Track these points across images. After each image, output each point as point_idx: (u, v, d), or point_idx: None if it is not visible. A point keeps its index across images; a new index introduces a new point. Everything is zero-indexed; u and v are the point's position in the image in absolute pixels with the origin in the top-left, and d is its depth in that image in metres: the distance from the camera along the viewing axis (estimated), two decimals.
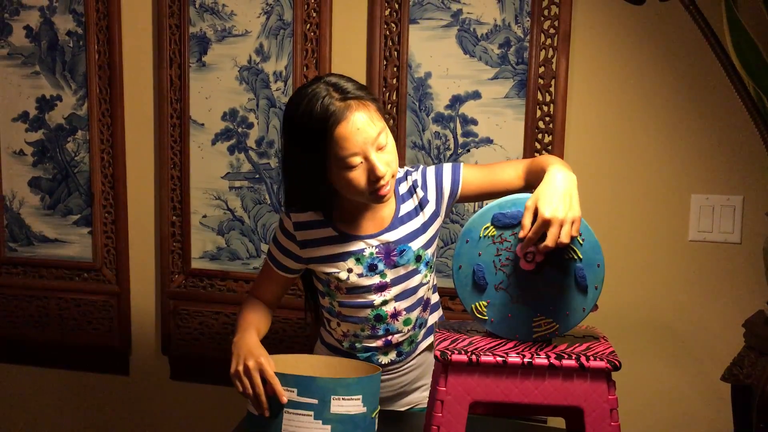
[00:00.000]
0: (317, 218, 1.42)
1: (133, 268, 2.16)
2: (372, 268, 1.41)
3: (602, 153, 1.83)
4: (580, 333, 1.27)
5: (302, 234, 1.42)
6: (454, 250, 1.21)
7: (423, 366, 1.55)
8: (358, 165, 1.29)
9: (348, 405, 1.23)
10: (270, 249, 1.48)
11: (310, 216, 1.42)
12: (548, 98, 1.81)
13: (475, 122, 1.86)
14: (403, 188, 1.44)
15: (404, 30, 1.86)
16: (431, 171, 1.46)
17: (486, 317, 1.22)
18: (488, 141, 1.86)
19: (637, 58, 1.79)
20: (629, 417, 1.84)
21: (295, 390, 1.24)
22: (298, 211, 1.42)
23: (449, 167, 1.45)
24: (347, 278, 1.41)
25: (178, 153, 2.06)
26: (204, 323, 2.10)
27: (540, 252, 1.16)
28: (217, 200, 2.06)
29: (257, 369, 1.27)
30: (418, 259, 1.43)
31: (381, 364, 1.47)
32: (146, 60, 2.07)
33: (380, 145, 1.29)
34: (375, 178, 1.29)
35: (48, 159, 2.17)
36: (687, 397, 1.86)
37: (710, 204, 1.79)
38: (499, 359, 1.13)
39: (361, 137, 1.27)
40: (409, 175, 1.45)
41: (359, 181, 1.30)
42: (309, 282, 1.54)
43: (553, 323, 1.20)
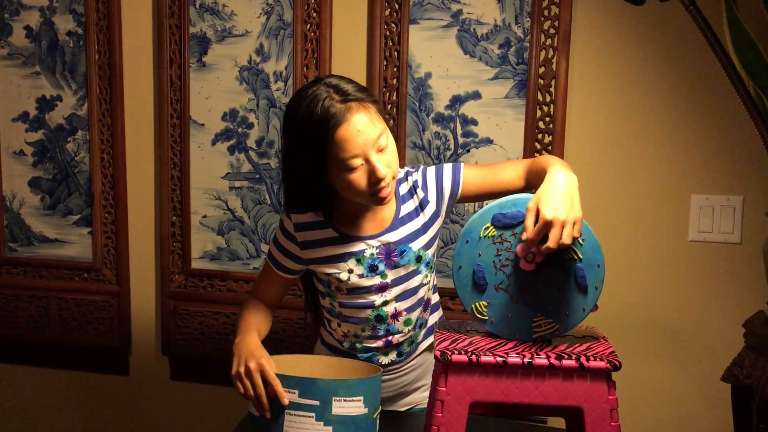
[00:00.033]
0: (318, 219, 1.42)
1: (133, 268, 2.16)
2: (373, 269, 1.41)
3: (602, 153, 1.83)
4: (580, 333, 1.27)
5: (303, 235, 1.42)
6: (454, 251, 1.21)
7: (423, 366, 1.55)
8: (359, 167, 1.28)
9: (349, 406, 1.23)
10: (270, 250, 1.48)
11: (311, 217, 1.42)
12: (548, 98, 1.81)
13: (475, 122, 1.86)
14: (404, 189, 1.44)
15: (404, 30, 1.86)
16: (431, 171, 1.46)
17: (486, 317, 1.22)
18: (488, 141, 1.86)
19: (637, 58, 1.79)
20: (629, 417, 1.84)
21: (297, 391, 1.24)
22: (299, 212, 1.42)
23: (449, 167, 1.45)
24: (348, 279, 1.41)
25: (178, 153, 2.06)
26: (204, 323, 2.10)
27: (541, 253, 1.16)
28: (217, 200, 2.06)
29: (258, 370, 1.27)
30: (419, 260, 1.43)
31: (381, 365, 1.47)
32: (146, 60, 2.07)
33: (381, 147, 1.29)
34: (376, 180, 1.29)
35: (48, 159, 2.17)
36: (687, 397, 1.86)
37: (710, 204, 1.79)
38: (499, 359, 1.13)
39: (362, 139, 1.27)
40: (410, 176, 1.45)
41: (360, 183, 1.30)
42: (309, 282, 1.54)
43: (553, 323, 1.20)
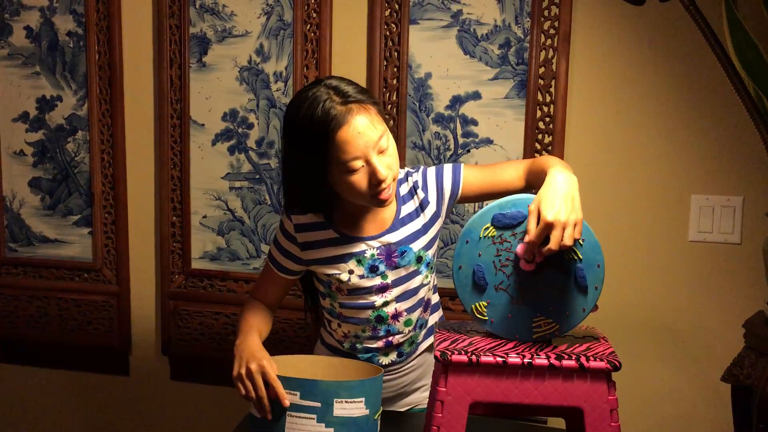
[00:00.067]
0: (318, 220, 1.42)
1: (133, 269, 2.16)
2: (373, 270, 1.41)
3: (602, 153, 1.83)
4: (580, 333, 1.27)
5: (303, 236, 1.42)
6: (454, 251, 1.21)
7: (423, 366, 1.55)
8: (360, 168, 1.28)
9: (351, 408, 1.23)
10: (270, 251, 1.48)
11: (311, 218, 1.42)
12: (548, 99, 1.81)
13: (476, 123, 1.86)
14: (404, 189, 1.44)
15: (404, 30, 1.86)
16: (432, 172, 1.46)
17: (486, 317, 1.22)
18: (488, 141, 1.86)
19: (637, 59, 1.79)
20: (629, 417, 1.84)
21: (298, 393, 1.24)
22: (299, 213, 1.42)
23: (450, 168, 1.45)
24: (348, 280, 1.41)
25: (179, 153, 2.06)
26: (204, 323, 2.10)
27: (542, 254, 1.16)
28: (218, 201, 2.06)
29: (260, 372, 1.27)
30: (419, 260, 1.43)
31: (381, 365, 1.47)
32: (146, 60, 2.07)
33: (381, 149, 1.29)
34: (376, 182, 1.29)
35: (48, 159, 2.17)
36: (687, 397, 1.86)
37: (710, 204, 1.79)
38: (499, 360, 1.13)
39: (363, 141, 1.27)
40: (410, 176, 1.45)
41: (360, 185, 1.29)
42: (308, 283, 1.54)
43: (553, 323, 1.20)
